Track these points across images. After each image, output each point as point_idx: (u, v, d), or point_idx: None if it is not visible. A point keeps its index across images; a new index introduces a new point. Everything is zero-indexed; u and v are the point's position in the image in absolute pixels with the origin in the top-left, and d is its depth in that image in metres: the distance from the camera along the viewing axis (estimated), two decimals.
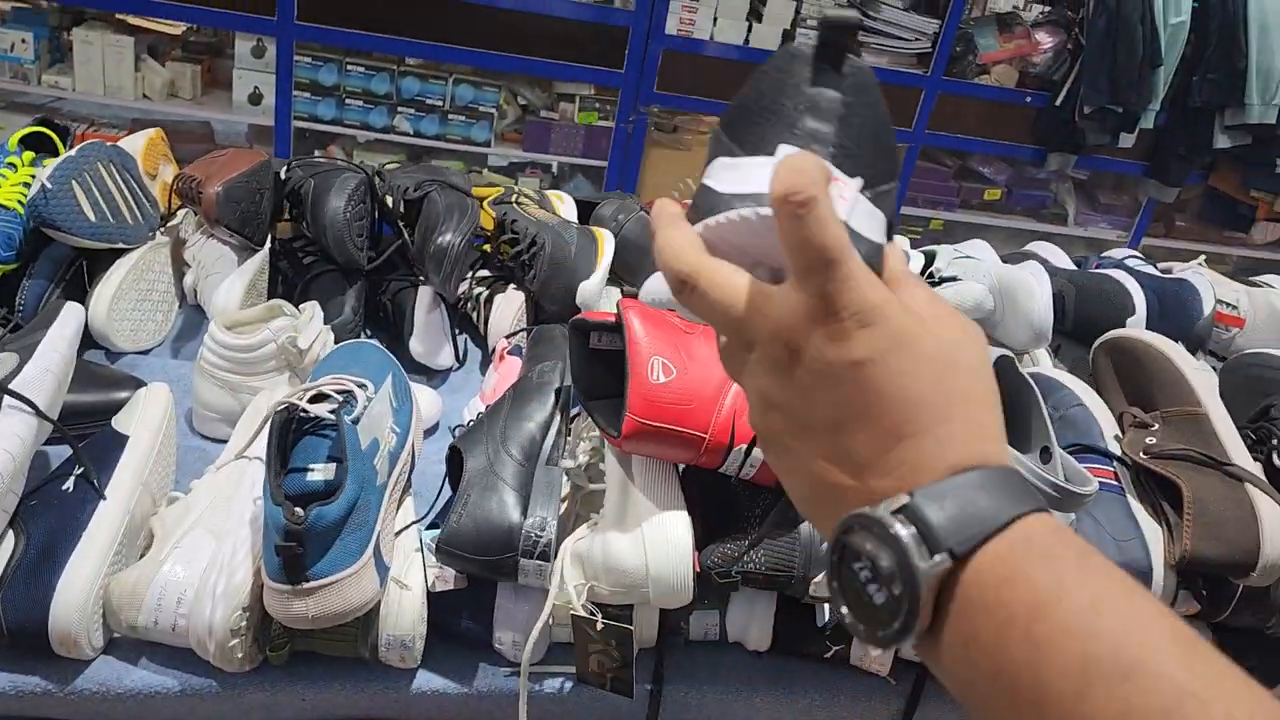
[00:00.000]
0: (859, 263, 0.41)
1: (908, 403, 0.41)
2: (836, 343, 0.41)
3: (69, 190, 1.12)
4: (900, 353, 0.41)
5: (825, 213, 0.39)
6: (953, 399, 0.42)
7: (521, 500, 0.89)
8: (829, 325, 0.41)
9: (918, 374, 0.41)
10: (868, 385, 0.41)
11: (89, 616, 0.83)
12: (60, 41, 2.94)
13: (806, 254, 0.40)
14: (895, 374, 0.41)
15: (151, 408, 0.98)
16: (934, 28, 3.16)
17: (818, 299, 0.41)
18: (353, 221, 1.22)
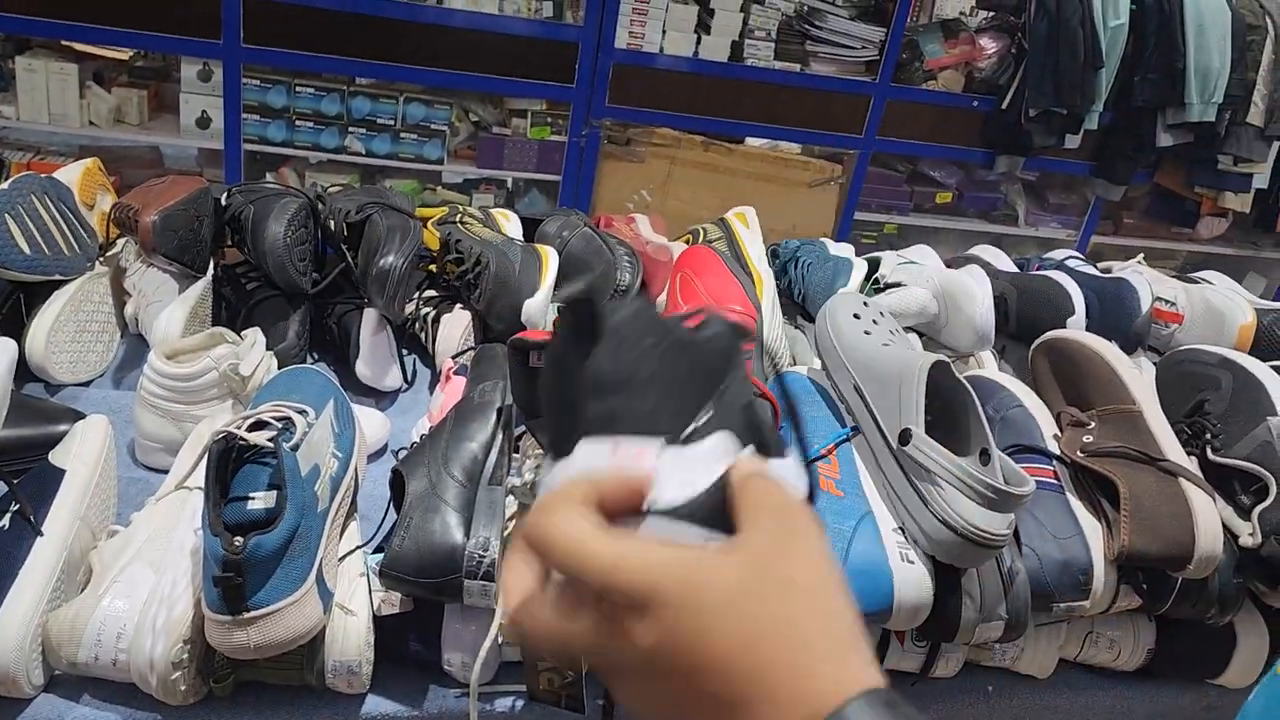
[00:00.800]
0: (622, 551, 0.39)
1: (714, 662, 0.37)
2: (624, 641, 0.39)
3: (2, 224, 1.11)
4: (697, 617, 0.37)
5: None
6: (762, 633, 0.37)
7: (464, 521, 0.89)
8: (612, 628, 0.39)
9: (713, 628, 0.37)
10: (675, 668, 0.38)
11: (27, 654, 0.82)
12: (3, 69, 2.91)
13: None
14: (687, 643, 0.37)
15: (89, 441, 0.97)
16: (880, 36, 3.20)
17: (598, 614, 0.39)
18: (294, 246, 1.21)
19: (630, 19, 3.03)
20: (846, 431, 1.02)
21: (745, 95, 3.25)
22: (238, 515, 0.86)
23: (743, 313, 0.97)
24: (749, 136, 3.39)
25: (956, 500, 0.90)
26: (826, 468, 0.99)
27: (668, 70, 3.16)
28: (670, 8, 3.05)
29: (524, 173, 3.26)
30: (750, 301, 0.98)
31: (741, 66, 3.19)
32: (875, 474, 0.98)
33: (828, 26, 3.17)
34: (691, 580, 0.38)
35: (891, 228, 3.62)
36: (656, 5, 3.04)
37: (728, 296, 0.99)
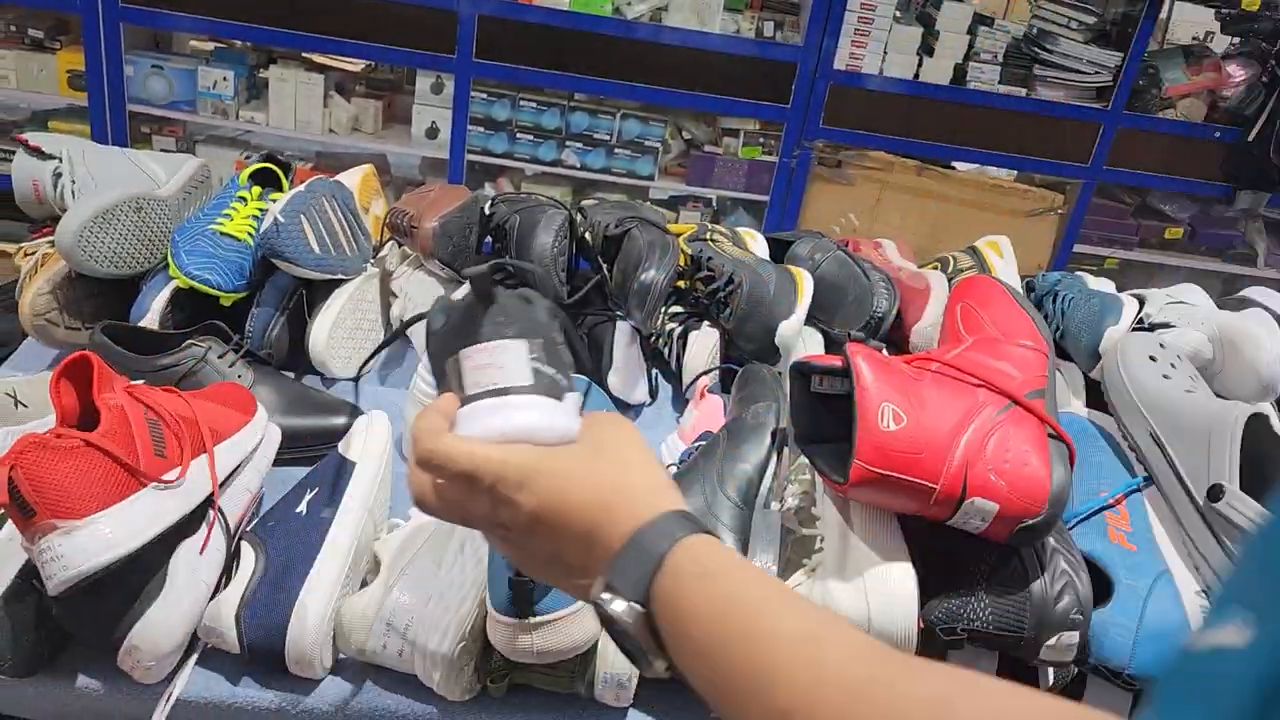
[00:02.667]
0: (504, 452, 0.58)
1: (574, 511, 0.56)
2: (511, 508, 0.57)
3: (298, 224, 1.18)
4: (554, 482, 0.57)
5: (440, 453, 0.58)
6: (603, 486, 0.57)
7: (740, 543, 0.87)
8: (498, 501, 0.58)
9: (570, 488, 0.57)
10: (545, 522, 0.57)
11: (323, 638, 0.86)
12: (255, 79, 3.12)
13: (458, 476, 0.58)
14: (557, 502, 0.57)
15: (375, 435, 1.02)
16: (1116, 60, 3.04)
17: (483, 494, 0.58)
18: (558, 257, 1.24)
19: (851, 40, 2.98)
20: (1138, 481, 0.96)
21: (965, 119, 3.15)
22: None
23: (1034, 348, 0.92)
24: (965, 162, 3.29)
25: None
26: (1115, 518, 0.93)
27: (885, 92, 3.10)
28: (894, 29, 2.99)
29: (732, 191, 3.26)
30: (1042, 335, 0.94)
31: (963, 90, 3.10)
32: (1174, 530, 0.91)
33: (1059, 50, 3.03)
34: (556, 458, 0.58)
35: (1113, 262, 3.42)
36: (879, 27, 2.98)
37: (1016, 331, 0.94)
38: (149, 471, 0.82)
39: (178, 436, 0.87)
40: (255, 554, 0.89)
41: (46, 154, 1.27)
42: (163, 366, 1.09)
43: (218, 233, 1.21)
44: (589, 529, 0.56)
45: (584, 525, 0.56)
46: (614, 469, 0.58)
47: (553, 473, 0.57)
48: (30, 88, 2.98)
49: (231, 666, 0.87)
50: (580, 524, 0.56)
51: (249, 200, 1.26)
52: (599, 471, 0.58)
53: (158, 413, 0.87)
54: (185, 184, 1.31)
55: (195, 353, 1.10)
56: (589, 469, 0.58)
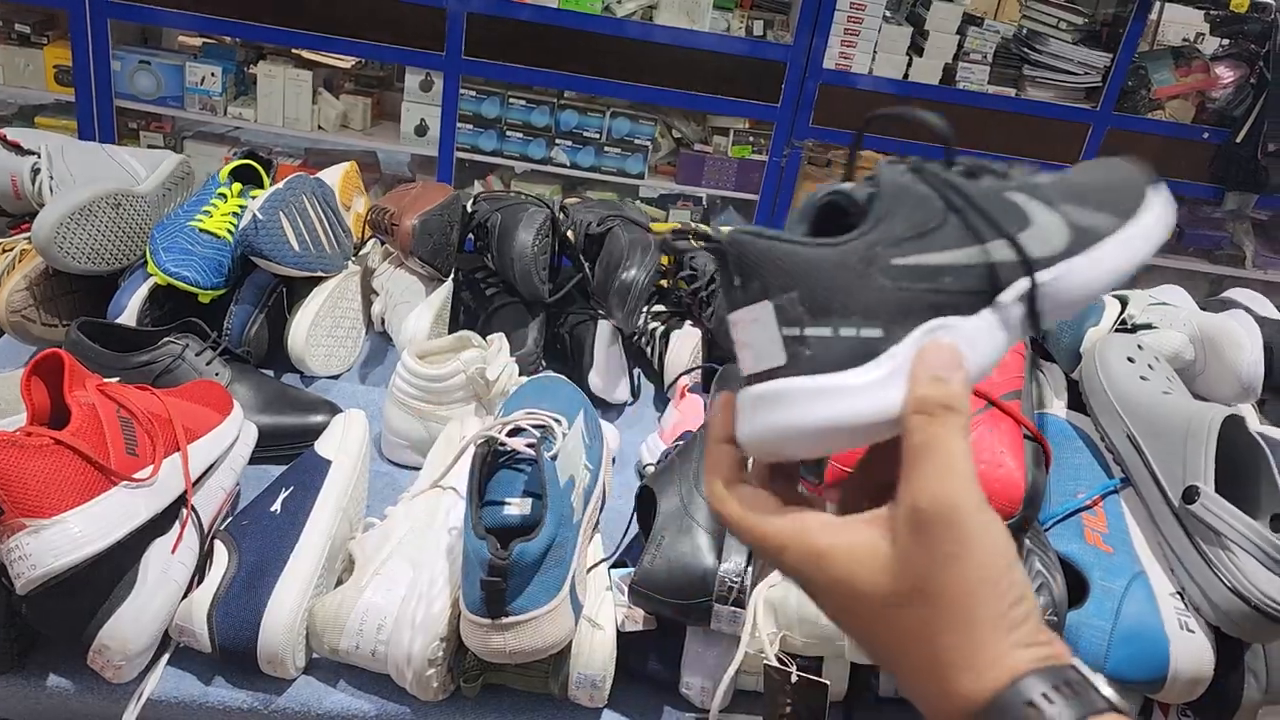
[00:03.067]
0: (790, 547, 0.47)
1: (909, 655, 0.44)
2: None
3: (277, 221, 1.17)
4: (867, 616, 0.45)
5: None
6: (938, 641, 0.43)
7: (715, 544, 0.87)
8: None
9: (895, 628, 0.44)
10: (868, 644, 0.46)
11: (295, 638, 0.85)
12: (244, 75, 3.11)
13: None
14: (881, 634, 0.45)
15: (351, 434, 1.01)
16: (1105, 61, 3.05)
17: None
18: (539, 255, 1.23)
19: (841, 40, 2.98)
20: (1115, 483, 0.96)
21: (954, 119, 3.09)
22: (493, 520, 0.87)
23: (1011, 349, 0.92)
24: None
25: (1250, 568, 0.82)
26: (1092, 520, 0.93)
27: (875, 92, 3.10)
28: (883, 29, 2.99)
29: (722, 190, 3.26)
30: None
31: (953, 90, 3.10)
32: (1150, 532, 0.91)
33: (1049, 51, 3.04)
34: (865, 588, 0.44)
35: None
36: (869, 26, 2.98)
37: None
38: (120, 470, 0.82)
39: (150, 435, 0.87)
40: (228, 553, 0.88)
41: (25, 150, 1.26)
42: (139, 364, 1.09)
43: (197, 229, 1.20)
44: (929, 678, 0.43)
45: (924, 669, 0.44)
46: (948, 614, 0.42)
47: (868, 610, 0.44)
48: (17, 83, 2.96)
49: (203, 666, 0.87)
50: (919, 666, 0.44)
51: (229, 197, 1.26)
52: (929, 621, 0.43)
53: (130, 411, 0.86)
54: (165, 181, 1.31)
55: (172, 350, 1.10)
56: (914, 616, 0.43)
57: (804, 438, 0.45)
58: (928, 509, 0.42)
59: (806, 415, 0.44)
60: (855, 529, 0.45)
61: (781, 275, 0.45)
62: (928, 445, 0.43)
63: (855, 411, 0.44)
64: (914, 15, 3.14)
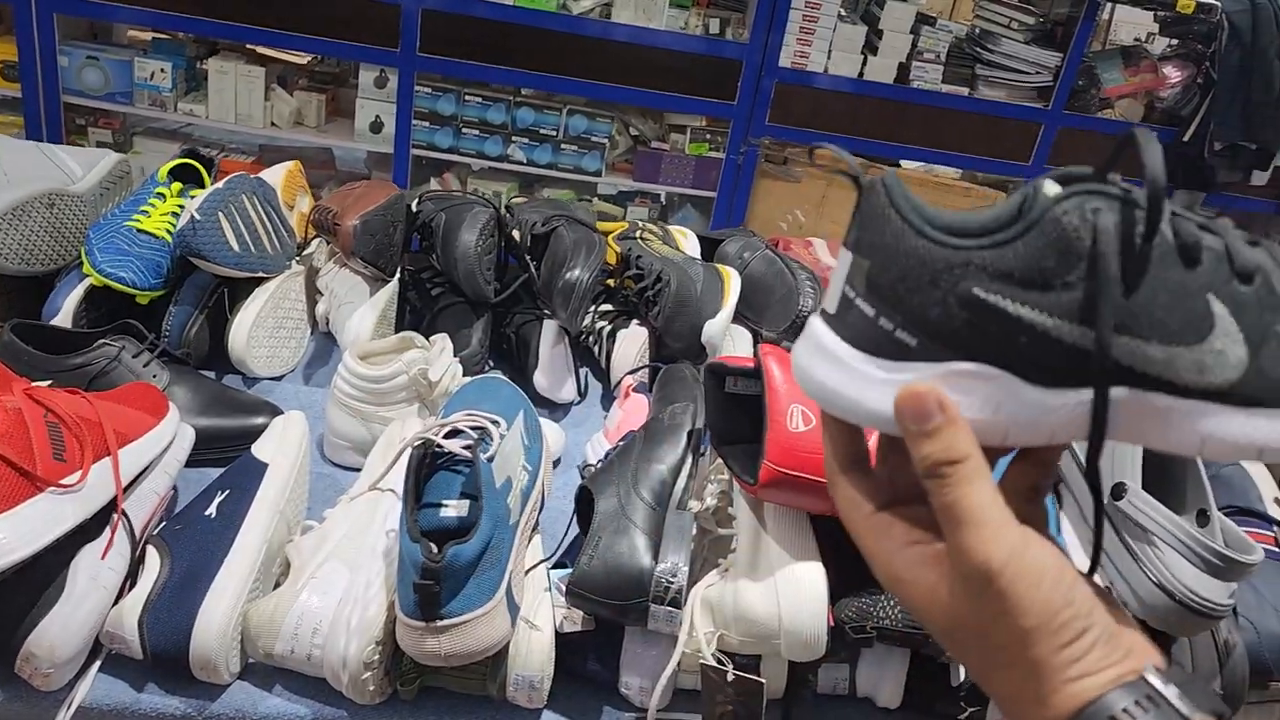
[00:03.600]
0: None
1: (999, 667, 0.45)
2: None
3: (215, 221, 1.16)
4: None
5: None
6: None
7: (652, 544, 0.87)
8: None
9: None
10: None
11: (228, 642, 0.84)
12: (195, 71, 3.07)
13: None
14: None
15: (289, 436, 1.00)
16: (1056, 61, 3.09)
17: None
18: (483, 255, 1.23)
19: (797, 38, 3.00)
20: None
21: (909, 118, 3.18)
22: (430, 522, 0.87)
23: None
24: (910, 160, 3.32)
25: (1175, 563, 0.84)
26: None
27: (830, 90, 3.12)
28: (838, 28, 3.00)
29: (680, 188, 3.27)
30: None
31: (907, 89, 3.12)
32: (1080, 528, 0.93)
33: (1001, 50, 3.07)
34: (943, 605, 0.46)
35: None
36: (824, 25, 3.00)
37: None
38: (46, 475, 0.80)
39: (79, 439, 0.85)
40: (160, 558, 0.87)
41: None
42: (74, 366, 1.07)
43: (134, 229, 1.19)
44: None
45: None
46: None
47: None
48: None
49: (135, 673, 0.86)
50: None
51: (168, 196, 1.24)
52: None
53: (58, 415, 0.85)
54: (102, 180, 1.29)
55: (108, 352, 1.08)
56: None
57: (808, 383, 0.46)
58: (967, 575, 0.43)
59: (816, 366, 0.46)
60: (923, 567, 0.46)
61: (878, 238, 0.44)
62: (948, 509, 0.44)
63: (849, 394, 0.45)
64: (868, 14, 3.17)
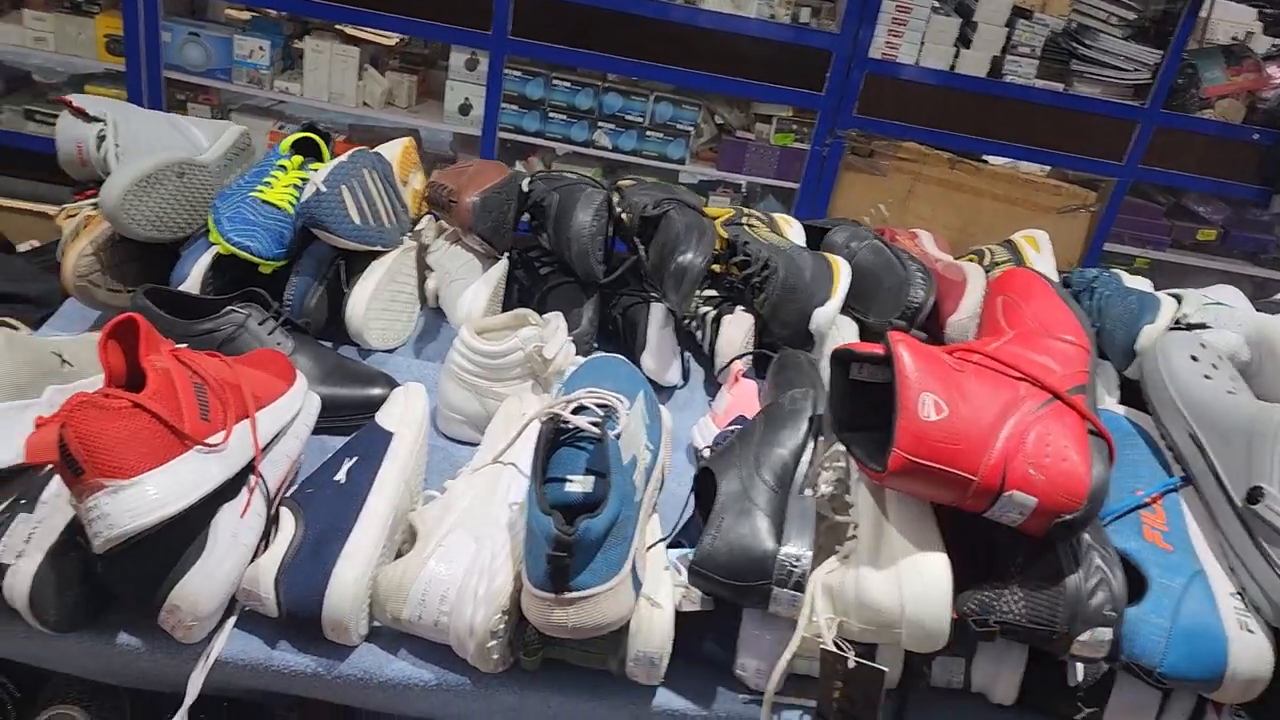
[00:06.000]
0: None
1: None
2: None
3: (339, 194, 1.18)
4: None
5: None
6: None
7: (775, 527, 0.88)
8: None
9: None
10: None
11: (359, 605, 0.86)
12: (290, 50, 3.13)
13: None
14: None
15: (413, 407, 1.02)
16: (1155, 58, 3.01)
17: None
18: (596, 235, 1.24)
19: (889, 29, 2.96)
20: (1175, 481, 0.95)
21: (999, 113, 3.12)
22: (555, 496, 0.88)
23: (1075, 343, 0.92)
24: (999, 156, 3.26)
25: None
26: (1151, 517, 0.93)
27: (920, 83, 3.07)
28: (932, 19, 2.96)
29: (762, 178, 3.25)
30: (1084, 330, 0.93)
31: (999, 83, 3.07)
32: (1210, 531, 0.91)
33: (1098, 46, 3.00)
34: None
35: (1144, 262, 3.40)
36: (918, 16, 2.96)
37: (1058, 325, 0.94)
38: (194, 434, 0.83)
39: (221, 401, 0.88)
40: (294, 520, 0.90)
41: (91, 116, 1.27)
42: (203, 331, 1.10)
43: (259, 200, 1.22)
44: None
45: None
46: None
47: None
48: (68, 51, 2.99)
49: (268, 630, 0.88)
50: None
51: (289, 169, 1.27)
52: None
53: (202, 377, 0.88)
54: (227, 151, 1.32)
55: (235, 319, 1.11)
56: None
57: None
58: None
59: None
60: None
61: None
62: None
63: None
64: (963, 6, 3.11)
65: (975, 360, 0.88)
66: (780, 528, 0.88)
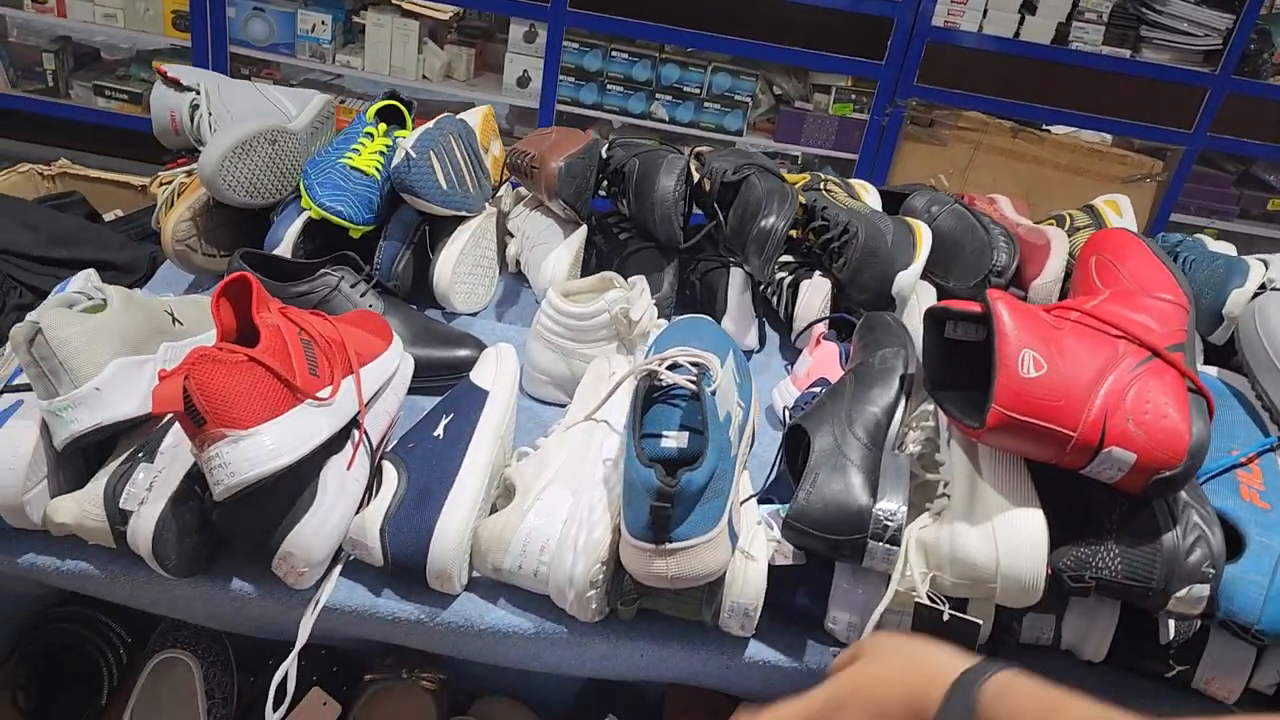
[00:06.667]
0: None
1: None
2: None
3: (428, 160, 1.21)
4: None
5: None
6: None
7: (868, 483, 0.89)
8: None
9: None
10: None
11: (462, 555, 0.89)
12: (350, 24, 3.16)
13: None
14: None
15: (505, 366, 1.04)
16: (1228, 23, 2.94)
17: None
18: (678, 200, 1.25)
19: None
20: (1273, 440, 0.95)
21: (1064, 81, 3.07)
22: (651, 451, 0.90)
23: (1174, 301, 0.91)
24: (1062, 125, 3.21)
25: None
26: (1248, 476, 0.92)
27: (983, 50, 3.03)
28: None
29: (821, 149, 3.23)
30: (1182, 290, 0.93)
31: (1064, 50, 3.02)
32: None
33: (1169, 10, 2.94)
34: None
35: (1212, 232, 3.33)
36: None
37: (1155, 284, 0.93)
38: (305, 388, 0.86)
39: (328, 357, 0.91)
40: (397, 473, 0.92)
41: (185, 86, 1.30)
42: (298, 293, 1.13)
43: (348, 166, 1.24)
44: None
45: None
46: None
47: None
48: (136, 27, 3.05)
49: (373, 578, 0.91)
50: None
51: (375, 136, 1.29)
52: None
53: (309, 334, 0.91)
54: (314, 119, 1.35)
55: (329, 281, 1.14)
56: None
57: None
58: None
59: None
60: None
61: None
62: None
63: None
64: None
65: (1073, 318, 0.88)
66: (874, 484, 0.89)
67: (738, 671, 0.92)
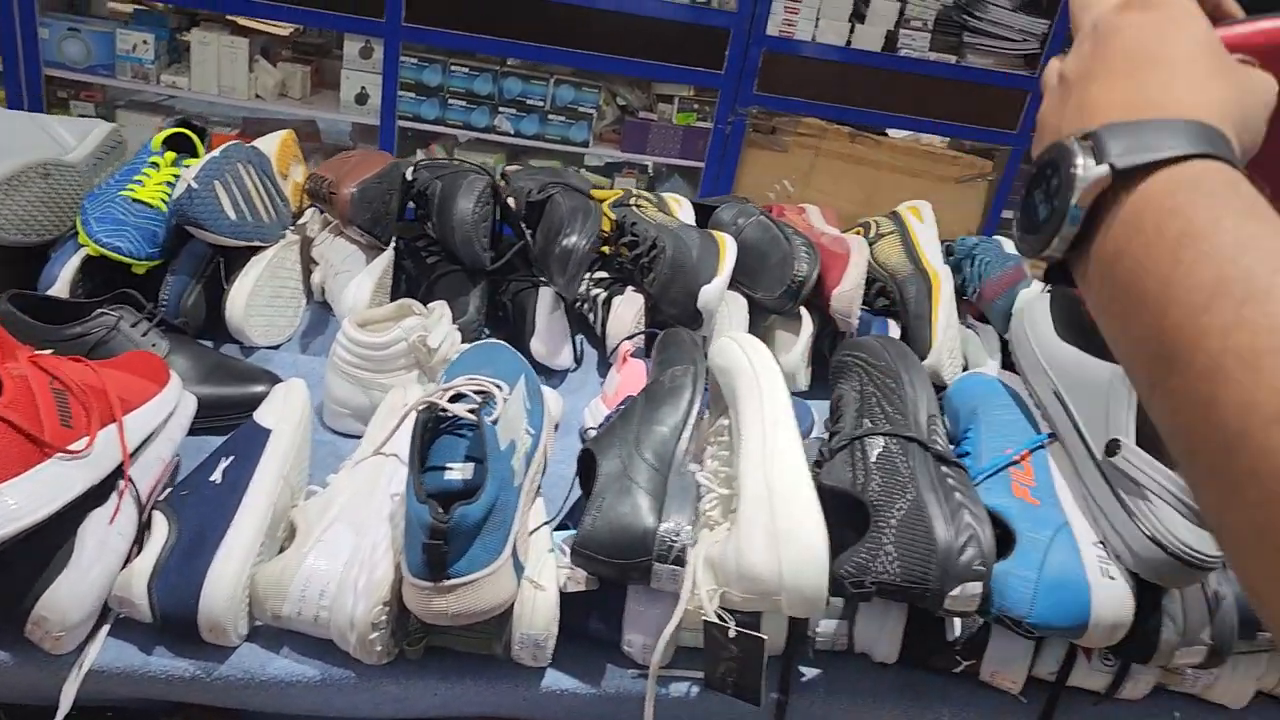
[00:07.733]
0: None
1: (1137, 54, 0.49)
2: (1118, 12, 0.51)
3: (212, 190, 1.16)
4: (1155, 23, 0.50)
5: None
6: (1178, 61, 0.48)
7: (655, 504, 0.89)
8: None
9: (1158, 36, 0.49)
10: (1116, 44, 0.50)
11: (237, 605, 0.85)
12: (177, 42, 3.04)
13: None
14: (1139, 34, 0.49)
15: (292, 402, 1.01)
16: (1043, 28, 3.09)
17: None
18: (479, 222, 1.23)
19: (785, 5, 2.99)
20: (1043, 438, 0.99)
21: (896, 86, 3.18)
22: (436, 485, 0.88)
23: None
24: (897, 129, 3.32)
25: (1168, 517, 0.86)
26: (1020, 474, 0.96)
27: (818, 59, 3.12)
28: None
29: (667, 158, 3.26)
30: None
31: (894, 57, 3.12)
32: (1074, 484, 0.94)
33: (988, 17, 3.07)
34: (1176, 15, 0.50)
35: None
36: None
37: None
38: (54, 442, 0.81)
39: (85, 406, 0.86)
40: (168, 523, 0.88)
41: None
42: (73, 336, 1.07)
43: (129, 199, 1.19)
44: (1133, 74, 0.49)
45: (1133, 66, 0.49)
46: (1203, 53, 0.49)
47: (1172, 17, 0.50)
48: None
49: (144, 636, 0.87)
50: (1130, 62, 0.49)
51: (162, 166, 1.24)
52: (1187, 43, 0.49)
53: (64, 382, 0.86)
54: (95, 150, 1.28)
55: (106, 321, 1.09)
56: (1188, 35, 0.50)
57: None
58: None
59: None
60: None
61: None
62: None
63: None
64: None
65: None
66: (661, 505, 0.89)
67: (534, 703, 0.91)
